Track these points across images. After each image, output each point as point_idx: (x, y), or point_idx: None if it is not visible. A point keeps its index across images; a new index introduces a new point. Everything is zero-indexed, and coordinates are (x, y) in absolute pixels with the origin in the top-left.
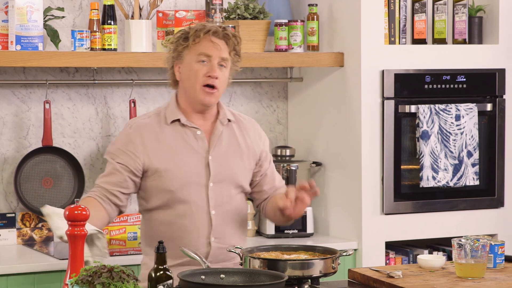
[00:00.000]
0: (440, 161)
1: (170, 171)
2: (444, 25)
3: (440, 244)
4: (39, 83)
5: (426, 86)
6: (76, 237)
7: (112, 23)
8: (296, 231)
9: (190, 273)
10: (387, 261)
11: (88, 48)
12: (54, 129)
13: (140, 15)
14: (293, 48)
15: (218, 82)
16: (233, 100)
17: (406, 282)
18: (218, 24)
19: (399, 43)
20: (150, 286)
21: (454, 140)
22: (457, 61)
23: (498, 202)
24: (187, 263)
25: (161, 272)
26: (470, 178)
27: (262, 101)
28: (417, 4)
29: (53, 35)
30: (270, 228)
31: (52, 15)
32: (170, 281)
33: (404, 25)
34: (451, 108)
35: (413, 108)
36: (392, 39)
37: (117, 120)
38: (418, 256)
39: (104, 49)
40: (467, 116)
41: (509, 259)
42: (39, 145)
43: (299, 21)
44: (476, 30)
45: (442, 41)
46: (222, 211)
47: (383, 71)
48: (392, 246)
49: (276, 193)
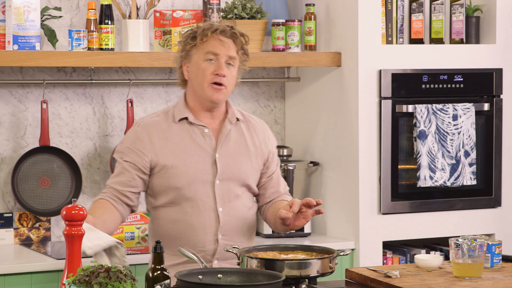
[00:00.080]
0: (437, 161)
1: (177, 168)
2: (441, 25)
3: (438, 244)
4: (36, 83)
5: (423, 86)
6: (74, 237)
7: (110, 23)
8: (294, 231)
9: (188, 273)
10: (385, 261)
11: (86, 48)
12: (51, 129)
13: (138, 15)
14: (291, 48)
15: (226, 80)
16: (231, 100)
17: (404, 282)
18: (226, 24)
19: (397, 43)
20: (148, 286)
21: (451, 140)
22: (454, 61)
23: (495, 202)
24: (193, 260)
25: (158, 272)
26: (467, 178)
27: (260, 101)
28: (415, 4)
29: (50, 35)
30: (268, 228)
31: (49, 15)
32: (168, 281)
33: (402, 25)
34: (448, 108)
35: (410, 108)
36: (390, 39)
37: (115, 120)
38: (416, 256)
39: (102, 49)
40: (464, 116)
41: (506, 259)
42: (36, 145)
43: (297, 21)
44: (473, 30)
45: (439, 41)
46: (230, 209)
47: (381, 71)
48: (390, 246)
49: (279, 200)
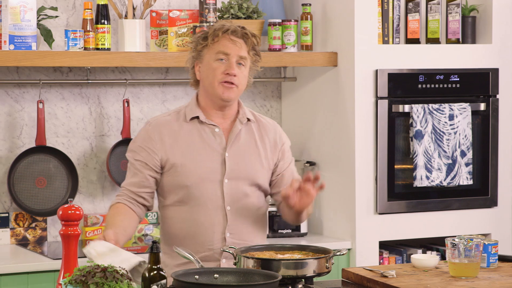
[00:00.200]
0: (434, 161)
1: (186, 167)
2: (438, 25)
3: (434, 244)
4: (33, 83)
5: (420, 86)
6: (70, 237)
7: (106, 23)
8: (290, 231)
9: (184, 273)
10: (381, 261)
11: (82, 48)
12: (48, 129)
13: (134, 15)
14: (287, 48)
15: (237, 80)
16: None
17: (400, 282)
18: (238, 24)
19: (393, 43)
20: (144, 286)
21: (448, 140)
22: (451, 61)
23: (492, 202)
24: (203, 259)
25: (155, 272)
26: (464, 178)
27: (256, 101)
28: (411, 4)
29: (47, 35)
30: None
31: (46, 15)
32: (164, 281)
33: (398, 25)
34: (445, 108)
35: (407, 108)
36: (386, 39)
37: (111, 120)
38: (412, 256)
39: (98, 49)
40: (461, 116)
41: (503, 259)
42: (33, 145)
43: (293, 21)
44: (470, 30)
45: (436, 41)
46: (238, 207)
47: (377, 71)
48: (386, 246)
49: None
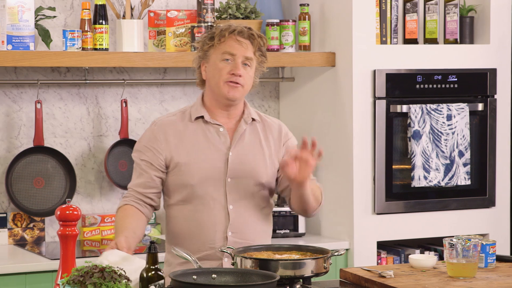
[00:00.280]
0: (432, 161)
1: (190, 166)
2: (436, 25)
3: (432, 244)
4: (31, 83)
5: (418, 86)
6: (67, 237)
7: (104, 23)
8: (288, 231)
9: (182, 273)
10: (379, 261)
11: (80, 48)
12: (46, 129)
13: (132, 15)
14: (285, 48)
15: (242, 80)
16: None
17: (398, 282)
18: (244, 25)
19: (391, 43)
20: (142, 286)
21: (446, 140)
22: (449, 61)
23: (490, 202)
24: (205, 258)
25: (153, 272)
26: (462, 178)
27: (254, 101)
28: (409, 4)
29: (45, 35)
30: None
31: (44, 15)
32: (162, 281)
33: (396, 25)
34: (443, 108)
35: (405, 108)
36: (384, 39)
37: (109, 120)
38: (410, 256)
39: (96, 49)
40: (459, 116)
41: (500, 259)
42: (31, 145)
43: (291, 21)
44: (468, 30)
45: (434, 41)
46: (240, 206)
47: (375, 71)
48: (384, 246)
49: None
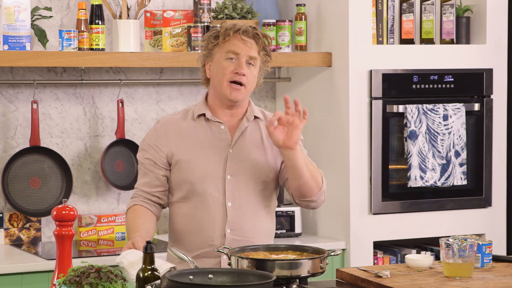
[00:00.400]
0: (428, 161)
1: (190, 163)
2: (432, 25)
3: (428, 244)
4: (27, 83)
5: (414, 86)
6: (64, 238)
7: (100, 23)
8: (284, 231)
9: (178, 273)
10: (375, 261)
11: (76, 48)
12: (42, 129)
13: (128, 15)
14: (281, 48)
15: (246, 79)
16: None
17: (394, 282)
18: (249, 24)
19: (387, 43)
20: (138, 286)
21: (442, 140)
22: (445, 61)
23: (486, 202)
24: (204, 255)
25: (149, 272)
26: (458, 178)
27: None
28: (405, 4)
29: (41, 35)
30: None
31: (40, 15)
32: (158, 281)
33: (392, 25)
34: (439, 108)
35: (401, 108)
36: (380, 39)
37: (105, 120)
38: (406, 256)
39: (92, 49)
40: (455, 116)
41: (497, 259)
42: (27, 145)
43: (287, 21)
44: (464, 30)
45: (430, 41)
46: (240, 204)
47: (371, 71)
48: (380, 246)
49: None
